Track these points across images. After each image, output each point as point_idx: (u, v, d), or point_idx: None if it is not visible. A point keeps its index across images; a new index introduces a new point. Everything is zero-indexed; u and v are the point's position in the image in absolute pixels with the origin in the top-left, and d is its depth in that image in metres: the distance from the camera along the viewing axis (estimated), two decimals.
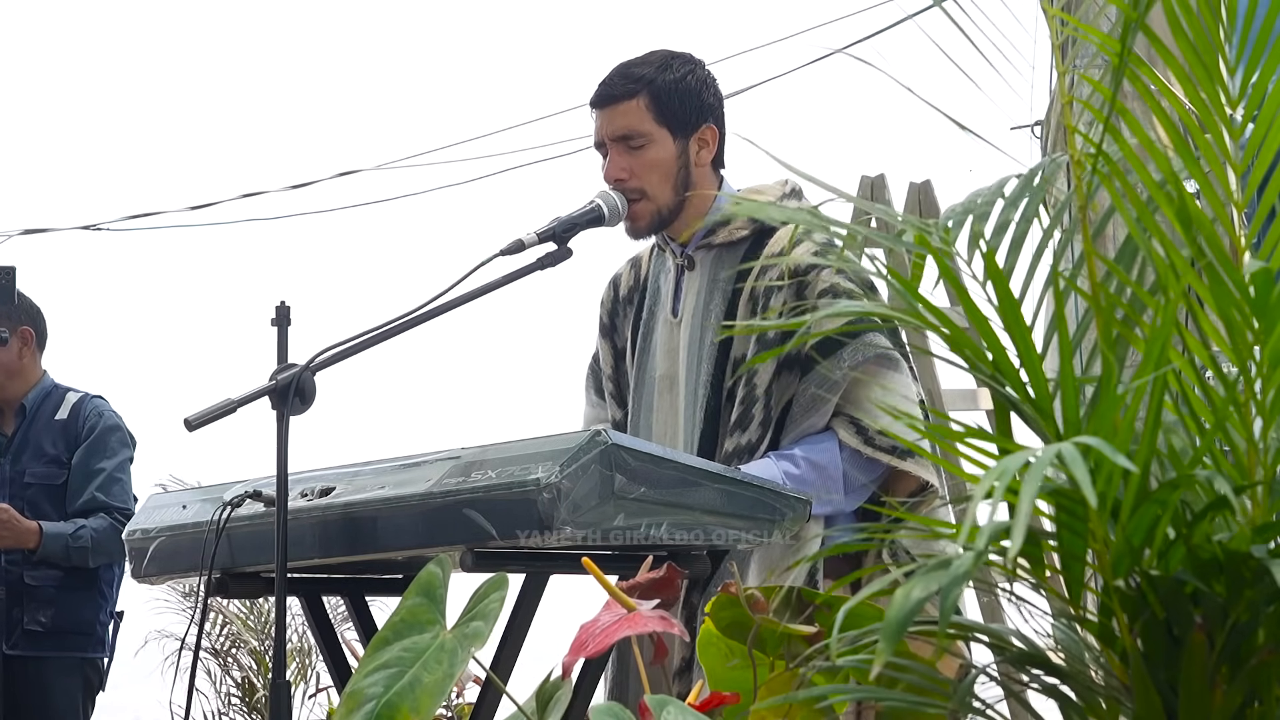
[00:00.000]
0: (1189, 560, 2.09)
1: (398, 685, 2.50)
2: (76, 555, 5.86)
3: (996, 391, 2.20)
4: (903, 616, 1.86)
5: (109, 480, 6.01)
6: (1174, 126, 2.25)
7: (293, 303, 3.56)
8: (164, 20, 15.48)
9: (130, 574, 3.86)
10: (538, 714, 2.50)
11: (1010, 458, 1.92)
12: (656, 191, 3.84)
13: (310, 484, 3.52)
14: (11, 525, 5.75)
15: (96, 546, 5.88)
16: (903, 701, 2.23)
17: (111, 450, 6.07)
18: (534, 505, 3.16)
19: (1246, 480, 2.14)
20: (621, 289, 4.06)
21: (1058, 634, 2.28)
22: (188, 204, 11.54)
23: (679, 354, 3.88)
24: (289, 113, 15.75)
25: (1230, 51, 2.28)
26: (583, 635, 2.47)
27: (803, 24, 12.71)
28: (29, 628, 5.89)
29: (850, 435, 3.71)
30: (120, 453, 6.09)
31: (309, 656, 10.63)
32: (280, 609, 3.42)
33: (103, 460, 6.03)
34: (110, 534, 5.86)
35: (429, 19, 15.95)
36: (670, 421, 3.87)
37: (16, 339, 6.06)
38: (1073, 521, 2.08)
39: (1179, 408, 2.21)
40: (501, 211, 11.98)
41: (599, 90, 3.89)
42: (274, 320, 3.56)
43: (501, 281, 3.59)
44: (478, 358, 13.24)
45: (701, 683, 2.56)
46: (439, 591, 2.62)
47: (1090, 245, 2.24)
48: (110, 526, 5.88)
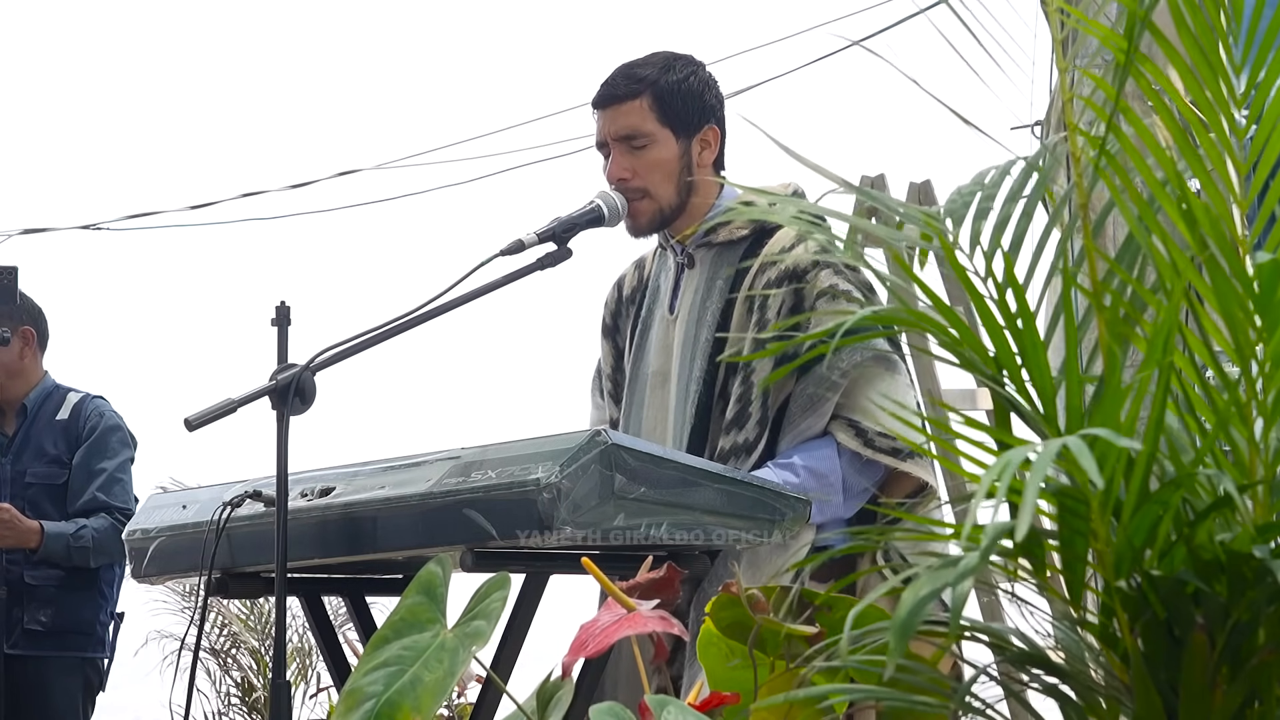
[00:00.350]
0: (1190, 560, 2.09)
1: (398, 683, 2.50)
2: (78, 555, 5.86)
3: (997, 391, 2.20)
4: (912, 616, 1.86)
5: (110, 480, 6.01)
6: (1177, 124, 2.25)
7: (293, 303, 3.56)
8: (164, 20, 15.48)
9: (130, 574, 3.86)
10: (538, 714, 2.50)
11: (1013, 451, 1.92)
12: (659, 191, 3.84)
13: (310, 484, 3.52)
14: (13, 525, 5.75)
15: (98, 546, 5.88)
16: (903, 701, 2.23)
17: (112, 450, 6.07)
18: (534, 505, 3.16)
19: (1248, 480, 2.14)
20: (625, 289, 4.07)
21: (1058, 634, 2.27)
22: (187, 203, 11.53)
23: (673, 350, 3.88)
24: (289, 113, 15.74)
25: (1236, 51, 2.27)
26: (583, 635, 2.47)
27: (803, 24, 12.71)
28: (29, 627, 5.89)
29: (849, 438, 3.71)
30: (121, 453, 6.09)
31: (309, 656, 10.63)
32: (280, 609, 3.42)
33: (104, 460, 6.03)
34: (111, 534, 5.87)
35: (429, 19, 15.95)
36: (660, 418, 3.88)
37: (18, 339, 6.06)
38: (1074, 521, 2.08)
39: (1179, 407, 2.20)
40: (501, 211, 11.97)
41: (601, 91, 3.90)
42: (274, 320, 3.56)
43: (501, 282, 3.59)
44: (478, 358, 13.23)
45: (701, 683, 2.56)
46: (439, 591, 2.61)
47: (1091, 242, 2.24)
48: (111, 526, 5.89)
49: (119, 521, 5.87)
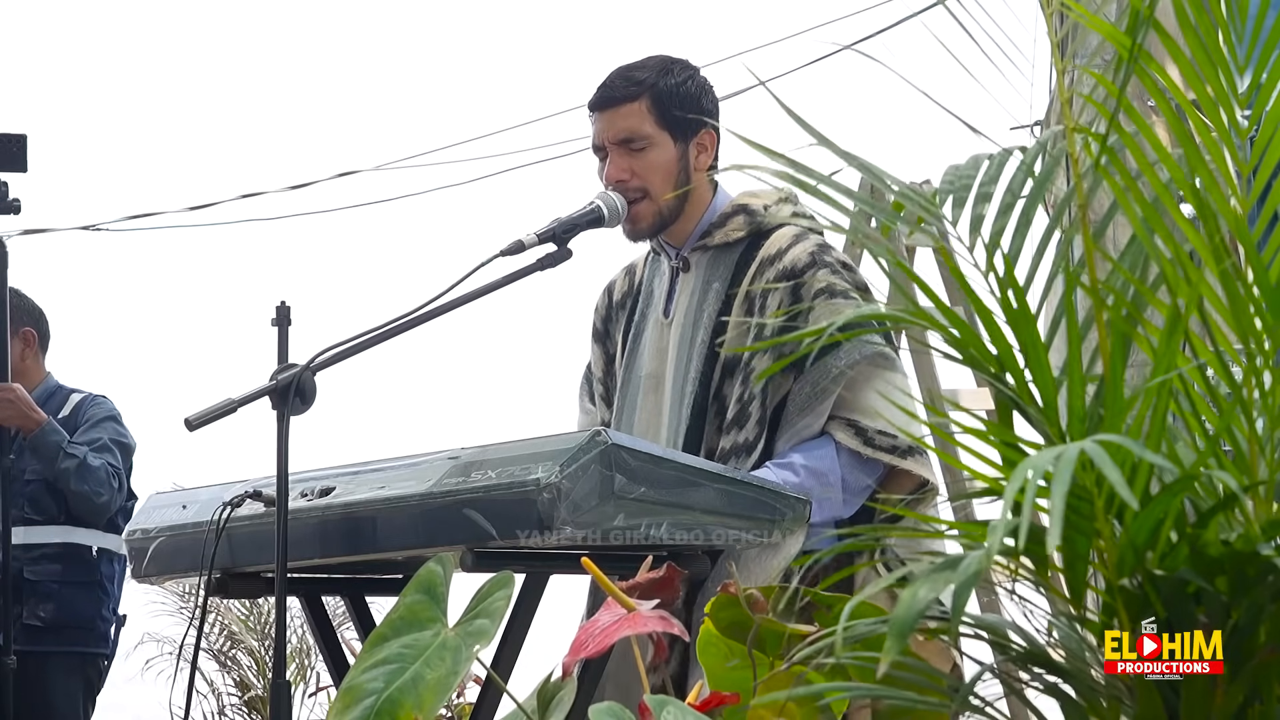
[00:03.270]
0: (1192, 559, 2.08)
1: (399, 681, 2.50)
2: (64, 461, 5.87)
3: (999, 390, 2.19)
4: (910, 617, 1.86)
5: (104, 447, 6.03)
6: (1180, 123, 2.25)
7: (293, 303, 3.56)
8: (163, 20, 15.48)
9: (130, 574, 3.86)
10: (539, 714, 2.50)
11: (1038, 456, 1.91)
12: (658, 193, 3.84)
13: (310, 484, 3.52)
14: (17, 404, 5.76)
15: (84, 469, 5.89)
16: (903, 700, 2.23)
17: (105, 429, 6.09)
18: (534, 505, 3.16)
19: (1250, 479, 2.14)
20: (615, 295, 4.07)
21: (1059, 632, 2.27)
22: (187, 204, 11.53)
23: (668, 353, 3.88)
24: (289, 113, 15.74)
25: (1240, 51, 2.27)
26: (583, 635, 2.47)
27: (803, 24, 12.71)
28: (28, 622, 5.89)
29: (849, 437, 3.71)
30: (114, 433, 6.11)
31: (309, 656, 10.63)
32: (280, 609, 3.42)
33: (96, 433, 6.06)
34: (101, 472, 5.89)
35: (429, 19, 15.95)
36: (653, 421, 3.87)
37: (19, 340, 6.07)
38: (1077, 520, 2.08)
39: (1181, 407, 2.20)
40: (501, 211, 11.97)
41: (599, 93, 3.90)
42: (274, 320, 3.56)
43: (501, 282, 3.59)
44: (478, 358, 13.22)
45: (701, 683, 2.56)
46: (440, 589, 2.61)
47: (1090, 242, 2.24)
48: (103, 466, 5.93)
49: (110, 468, 5.91)
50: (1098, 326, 2.21)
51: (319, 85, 15.46)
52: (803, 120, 2.32)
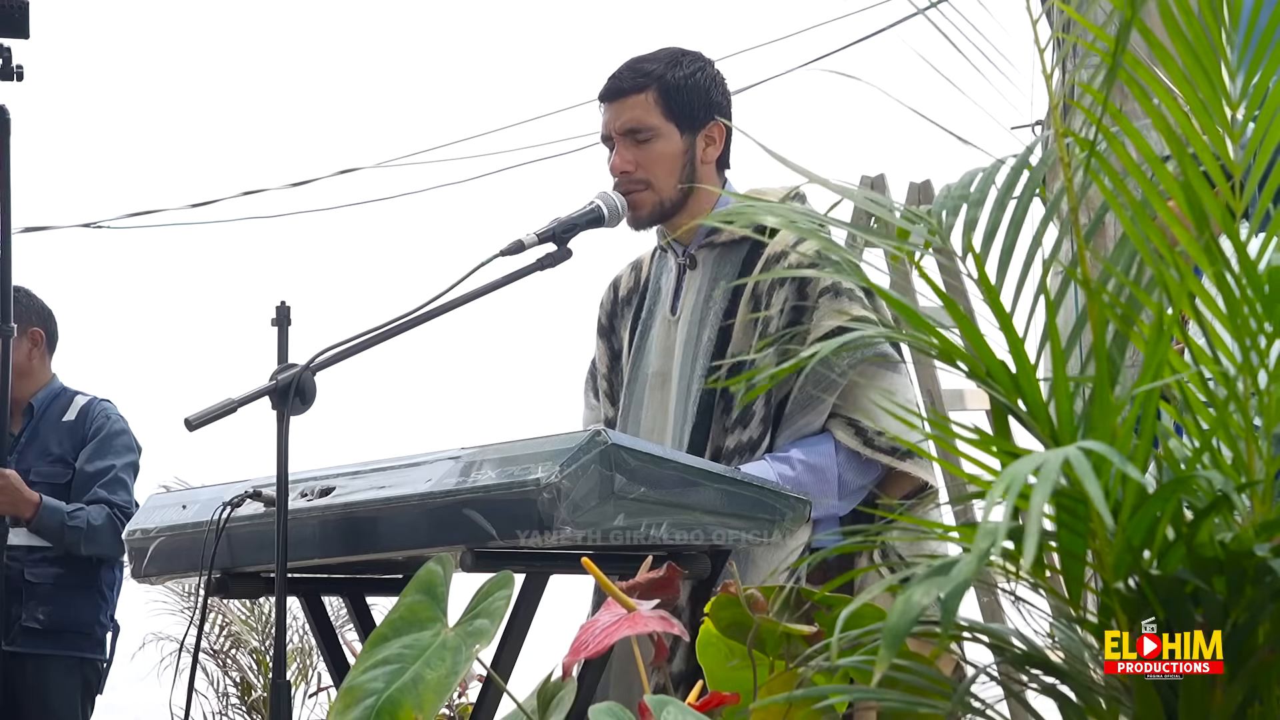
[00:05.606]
0: (1189, 560, 2.09)
1: (399, 681, 2.50)
2: (70, 535, 5.86)
3: (994, 395, 2.20)
4: (905, 622, 1.86)
5: (114, 480, 6.02)
6: (1169, 128, 2.25)
7: (293, 303, 3.56)
8: (164, 19, 15.48)
9: (130, 574, 3.86)
10: (539, 714, 2.50)
11: (1019, 463, 1.91)
12: (661, 184, 3.85)
13: (310, 484, 3.52)
14: (10, 491, 5.74)
15: (91, 533, 5.88)
16: (902, 701, 2.23)
17: (117, 452, 6.08)
18: (534, 505, 3.16)
19: (1247, 478, 2.14)
20: (621, 290, 4.08)
21: (1057, 634, 2.28)
22: (188, 202, 11.54)
23: (674, 351, 3.89)
24: (289, 111, 15.75)
25: (1233, 54, 2.27)
26: (583, 635, 2.47)
27: (803, 23, 12.71)
28: (26, 624, 5.89)
29: (848, 437, 3.71)
30: (126, 455, 6.10)
31: (309, 656, 10.63)
32: (280, 609, 3.42)
33: (108, 459, 6.04)
34: (108, 527, 5.87)
35: (429, 19, 15.95)
36: (660, 417, 3.88)
37: (26, 340, 6.07)
38: (1073, 521, 2.08)
39: (1176, 408, 2.20)
40: (501, 211, 11.97)
41: (608, 84, 3.91)
42: (274, 320, 3.56)
43: (501, 282, 3.59)
44: (478, 358, 13.23)
45: (701, 683, 2.56)
46: (440, 590, 2.61)
47: (1083, 243, 2.24)
48: (108, 519, 5.89)
49: (117, 517, 5.88)
50: (1092, 329, 2.21)
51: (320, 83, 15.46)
52: (793, 164, 2.33)
